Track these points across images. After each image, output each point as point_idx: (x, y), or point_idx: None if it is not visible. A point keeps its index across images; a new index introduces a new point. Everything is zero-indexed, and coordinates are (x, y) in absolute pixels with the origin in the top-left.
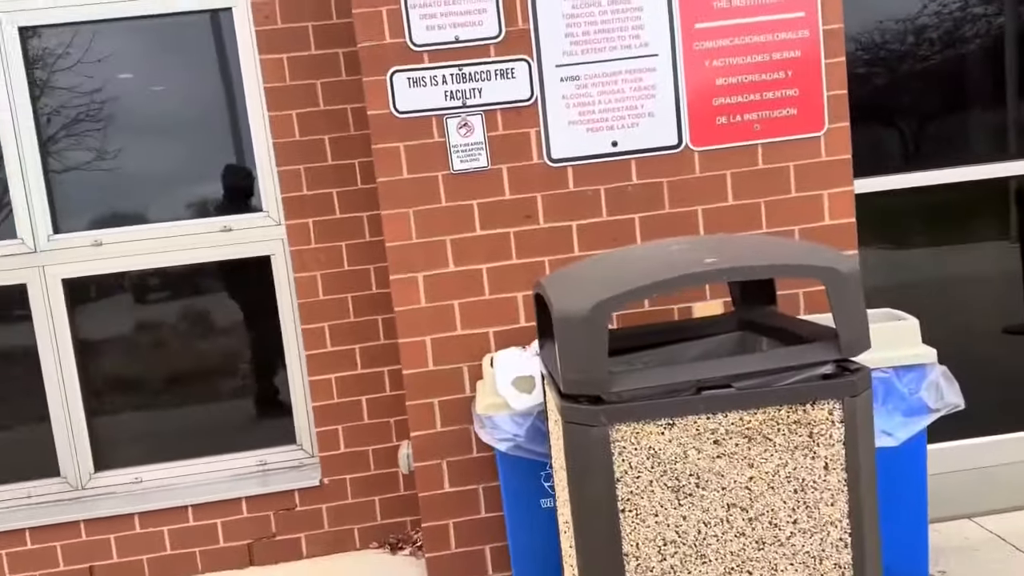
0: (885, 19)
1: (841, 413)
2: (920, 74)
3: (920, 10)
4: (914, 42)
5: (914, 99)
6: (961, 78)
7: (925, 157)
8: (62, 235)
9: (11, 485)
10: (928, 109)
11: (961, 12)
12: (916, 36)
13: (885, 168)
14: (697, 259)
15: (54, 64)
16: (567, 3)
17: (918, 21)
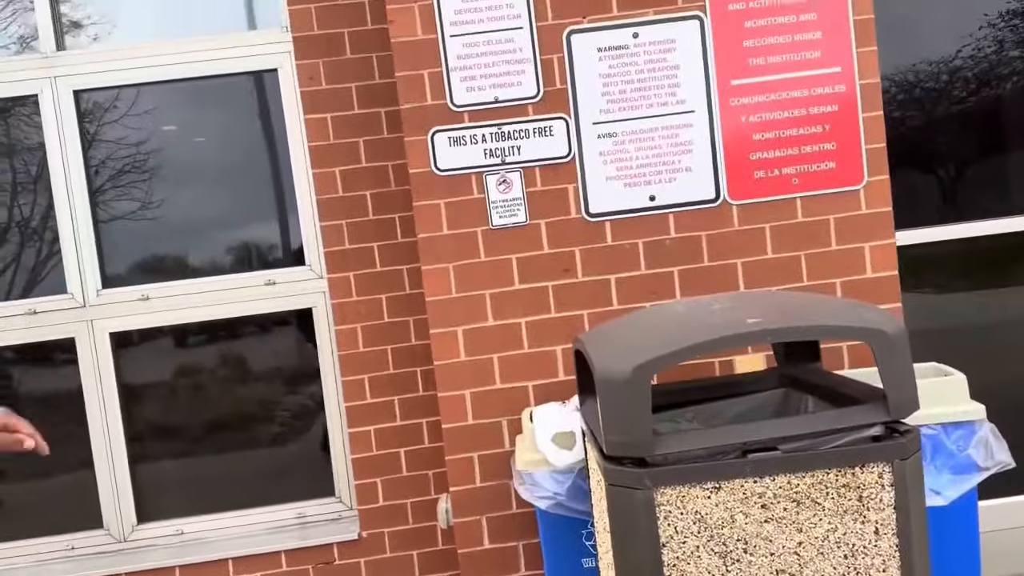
0: (919, 61)
1: (891, 476)
2: (956, 118)
3: (955, 53)
4: (949, 84)
5: (950, 144)
6: (998, 122)
7: (964, 206)
8: (110, 290)
9: (54, 537)
10: (965, 154)
11: (996, 55)
12: (951, 78)
13: (922, 218)
14: (740, 319)
15: (101, 118)
16: (603, 63)
17: (952, 63)
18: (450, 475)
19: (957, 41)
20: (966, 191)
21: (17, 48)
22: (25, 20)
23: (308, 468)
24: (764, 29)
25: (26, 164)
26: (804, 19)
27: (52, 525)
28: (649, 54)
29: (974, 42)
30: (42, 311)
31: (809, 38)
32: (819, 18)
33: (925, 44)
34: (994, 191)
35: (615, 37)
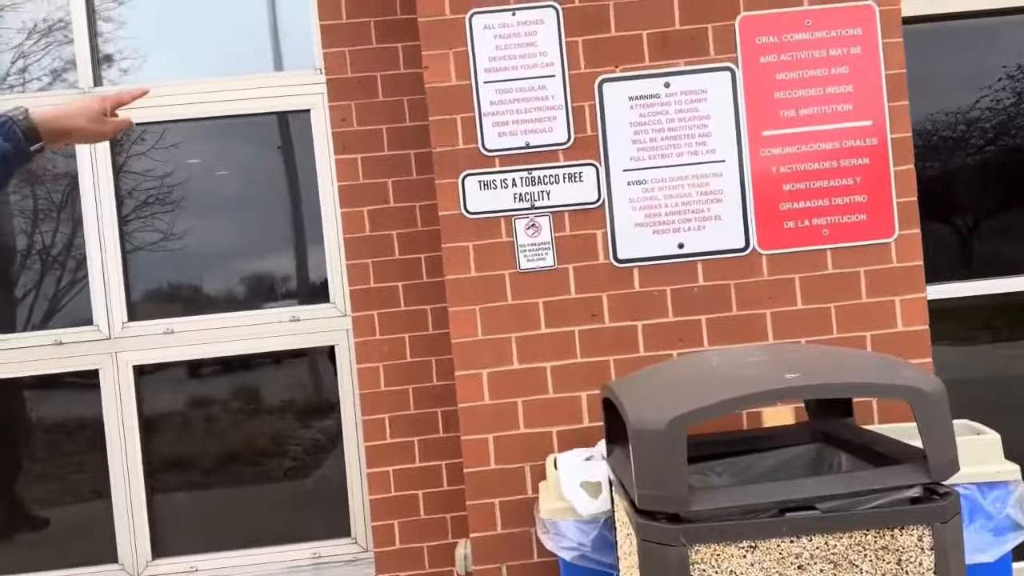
0: (936, 111)
1: (931, 540)
2: (973, 168)
3: (973, 104)
4: (966, 134)
5: (968, 195)
6: (1016, 173)
7: (981, 259)
8: (136, 323)
9: (69, 571)
10: (983, 206)
11: (1016, 107)
12: (968, 128)
13: (940, 272)
14: (777, 373)
15: (130, 149)
16: (635, 112)
17: (970, 114)
18: (471, 520)
19: (975, 92)
20: (984, 243)
21: (50, 80)
22: (60, 53)
23: (325, 507)
24: (795, 81)
25: (49, 193)
26: (836, 72)
27: (67, 558)
28: (680, 103)
29: (992, 93)
30: (67, 342)
31: (841, 91)
32: (851, 72)
33: (943, 94)
34: (1012, 243)
35: (647, 86)
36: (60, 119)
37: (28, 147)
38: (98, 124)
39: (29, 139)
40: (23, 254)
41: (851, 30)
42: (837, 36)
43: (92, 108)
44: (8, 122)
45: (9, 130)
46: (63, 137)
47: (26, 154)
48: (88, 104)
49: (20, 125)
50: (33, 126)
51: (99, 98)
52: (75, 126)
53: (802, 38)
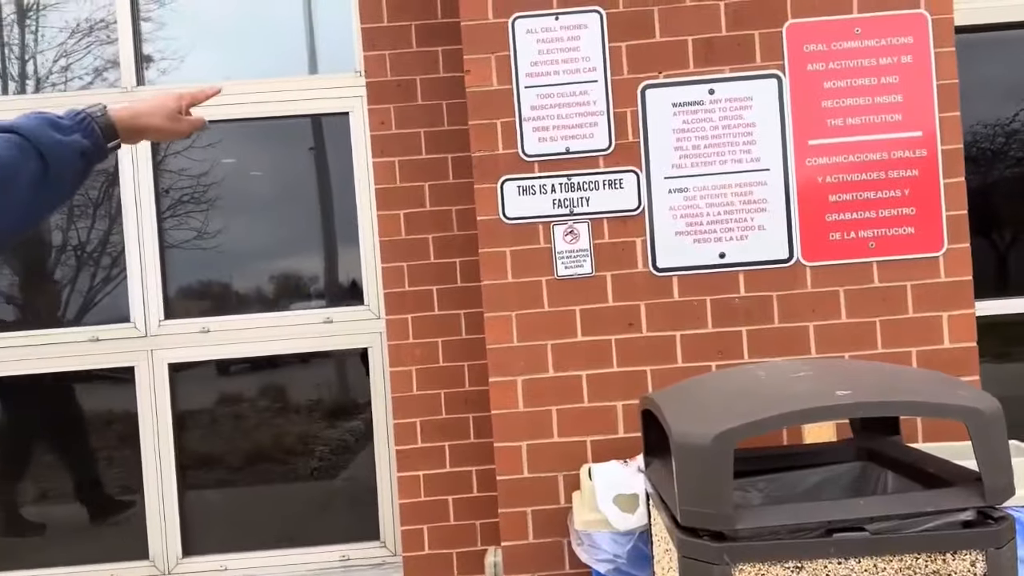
0: (975, 123)
1: (984, 565)
2: (1013, 181)
3: (1013, 116)
4: (1005, 146)
5: (1008, 208)
6: None
7: None
8: (172, 321)
9: (98, 565)
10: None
11: None
12: (1008, 140)
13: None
14: (827, 390)
15: (168, 148)
16: (678, 119)
17: (1010, 126)
18: (502, 529)
19: (1016, 103)
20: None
21: (91, 79)
22: (101, 53)
23: (354, 510)
24: (844, 90)
25: (86, 190)
26: (885, 82)
27: (97, 553)
28: (725, 111)
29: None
30: (104, 339)
31: (890, 101)
32: (901, 81)
33: (982, 105)
34: None
35: (691, 93)
36: (138, 117)
37: (105, 144)
38: (174, 122)
39: (107, 136)
40: (60, 250)
41: (902, 39)
42: (887, 45)
43: (168, 106)
44: (87, 118)
45: (88, 126)
46: (139, 134)
47: (104, 151)
48: (164, 101)
49: (99, 122)
50: (111, 123)
51: (175, 95)
52: (152, 124)
53: (851, 46)
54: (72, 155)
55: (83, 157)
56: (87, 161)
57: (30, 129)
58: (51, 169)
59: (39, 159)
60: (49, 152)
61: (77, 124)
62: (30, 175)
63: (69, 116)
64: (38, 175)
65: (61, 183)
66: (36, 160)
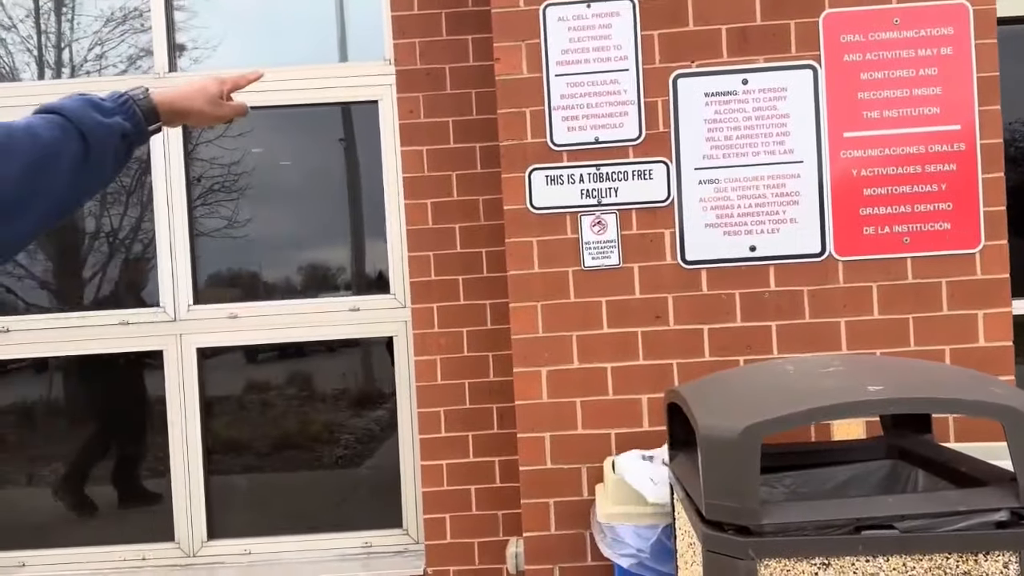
0: (1014, 121)
1: (1018, 567)
2: None
3: None
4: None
5: None
6: None
7: None
8: (201, 306)
9: (126, 546)
10: None
11: None
12: None
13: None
14: (859, 385)
15: (200, 136)
16: (710, 109)
17: None
18: (524, 519)
19: None
20: None
21: (124, 67)
22: (135, 41)
23: (377, 497)
24: (881, 82)
25: (119, 178)
26: (924, 74)
27: (125, 534)
28: (758, 101)
29: None
30: (134, 322)
31: (928, 93)
32: (940, 73)
33: (1020, 102)
34: None
35: (724, 83)
36: (179, 100)
37: (147, 127)
38: (215, 107)
39: (148, 119)
40: (92, 236)
41: (942, 29)
42: (927, 35)
43: (210, 90)
44: (128, 101)
45: (129, 109)
46: (181, 118)
47: (145, 134)
48: (206, 85)
49: (140, 104)
50: (152, 106)
51: (217, 80)
52: (193, 108)
53: (889, 37)
54: (113, 137)
55: (124, 139)
56: (128, 144)
57: (72, 110)
58: (92, 151)
59: (81, 140)
60: (91, 133)
61: (119, 106)
62: (72, 157)
63: (111, 98)
64: (80, 157)
65: (103, 166)
66: (78, 141)
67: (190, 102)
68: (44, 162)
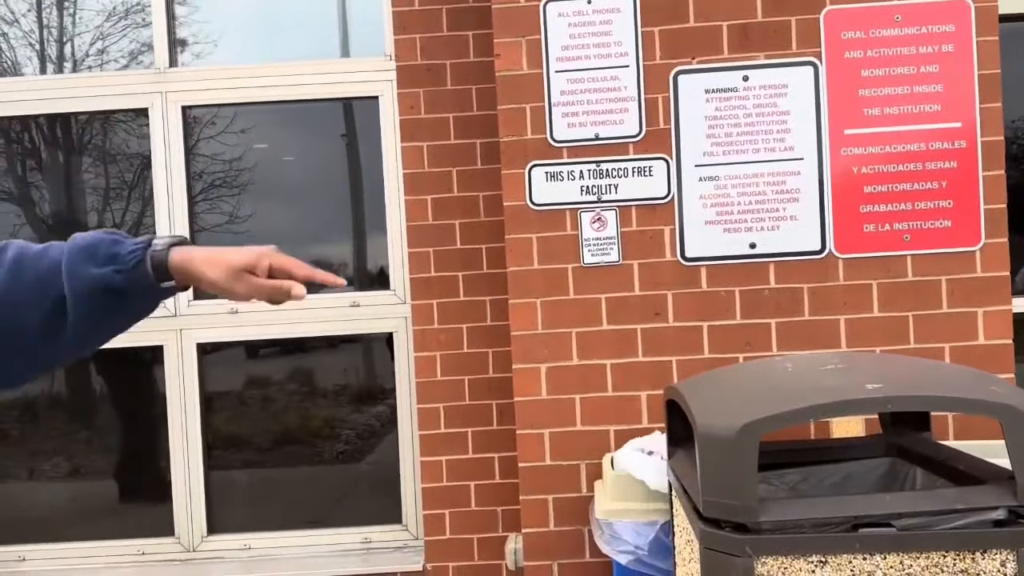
0: (1017, 118)
1: (1015, 566)
2: None
3: None
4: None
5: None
6: None
7: None
8: (201, 301)
9: (124, 541)
10: None
11: None
12: None
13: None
14: (857, 383)
15: (200, 133)
16: (710, 105)
17: None
18: (523, 516)
19: None
20: None
21: (126, 62)
22: (136, 36)
23: (377, 493)
24: (882, 79)
25: (121, 173)
26: (925, 71)
27: (125, 529)
28: (759, 98)
29: None
30: None
31: (929, 91)
32: (941, 71)
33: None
34: None
35: (724, 79)
36: (191, 261)
37: (156, 282)
38: (233, 281)
39: (159, 275)
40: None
41: (943, 27)
42: (928, 33)
43: (231, 261)
44: (138, 252)
45: (132, 260)
46: (193, 280)
47: (153, 290)
48: (233, 255)
49: (154, 258)
50: (163, 264)
51: (255, 253)
52: (205, 276)
53: (890, 34)
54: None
55: (110, 294)
56: (118, 297)
57: (69, 259)
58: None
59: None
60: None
61: (125, 254)
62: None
63: (130, 244)
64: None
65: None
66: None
67: (202, 265)
68: None
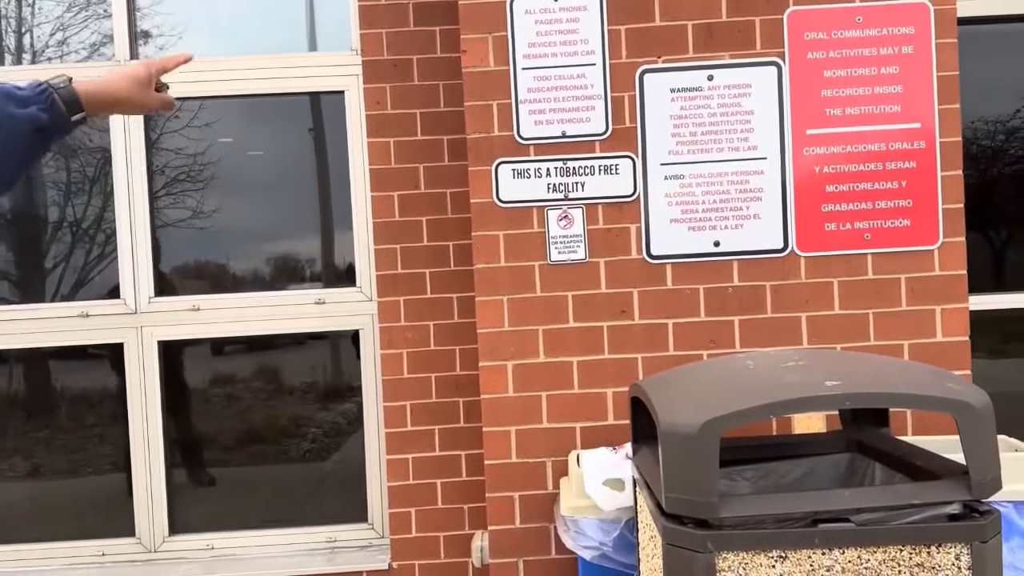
0: (975, 119)
1: (969, 559)
2: (1012, 179)
3: (1014, 113)
4: (1005, 144)
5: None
6: None
7: (1019, 272)
8: (162, 298)
9: (84, 542)
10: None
11: None
12: (1008, 138)
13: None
14: (817, 380)
15: (164, 126)
16: (676, 104)
17: (1010, 123)
18: (489, 513)
19: (1016, 101)
20: (1018, 255)
21: (87, 53)
22: (99, 27)
23: (342, 491)
24: (844, 80)
25: (83, 166)
26: (886, 72)
27: (85, 529)
28: (723, 98)
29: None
30: (94, 314)
31: (890, 91)
32: (901, 72)
33: (982, 102)
34: None
35: (689, 79)
36: (104, 87)
37: (68, 117)
38: (143, 91)
39: (70, 109)
40: (55, 226)
41: (903, 29)
42: (888, 34)
43: (138, 75)
44: (47, 90)
45: (48, 98)
46: (108, 107)
47: (67, 125)
48: (134, 71)
49: (61, 93)
50: (74, 95)
51: (144, 63)
52: (120, 94)
53: (852, 35)
54: (24, 129)
55: (39, 132)
56: (45, 135)
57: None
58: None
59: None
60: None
61: (36, 96)
62: None
63: (30, 87)
64: None
65: (11, 157)
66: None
67: (116, 89)
68: None
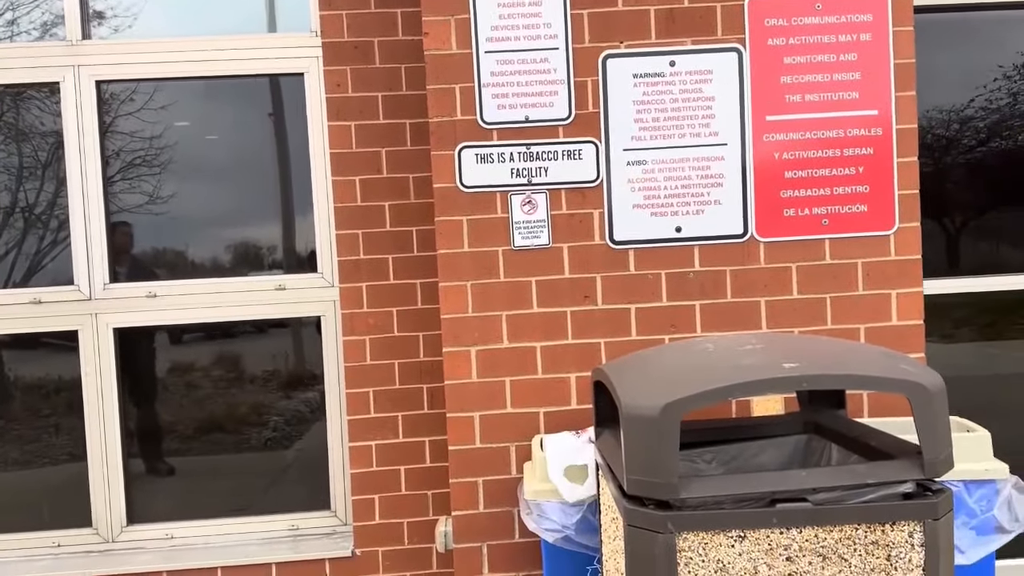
0: (930, 108)
1: (922, 536)
2: (964, 168)
3: (968, 103)
4: (959, 133)
5: (958, 194)
6: (1008, 174)
7: (968, 257)
8: (117, 284)
9: (39, 533)
10: (972, 205)
11: (1010, 108)
12: (962, 127)
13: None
14: (775, 363)
15: (118, 109)
16: (638, 90)
17: (964, 112)
18: (453, 498)
19: (970, 91)
20: (970, 242)
21: (39, 34)
22: (50, 7)
23: (304, 479)
24: (803, 66)
25: (35, 150)
26: (844, 59)
27: (39, 520)
28: (685, 83)
29: (987, 93)
30: (47, 301)
31: (848, 78)
32: (859, 59)
33: (937, 91)
34: (998, 243)
35: (652, 64)
36: None
37: None
38: None
39: None
40: (6, 211)
41: (861, 16)
42: (847, 22)
43: None
44: None
45: None
46: None
47: None
48: None
49: None
50: None
51: None
52: None
53: (812, 22)
54: None
55: None
56: None
57: None
58: None
59: None
60: None
61: None
62: None
63: None
64: None
65: None
66: None
67: None
68: None
